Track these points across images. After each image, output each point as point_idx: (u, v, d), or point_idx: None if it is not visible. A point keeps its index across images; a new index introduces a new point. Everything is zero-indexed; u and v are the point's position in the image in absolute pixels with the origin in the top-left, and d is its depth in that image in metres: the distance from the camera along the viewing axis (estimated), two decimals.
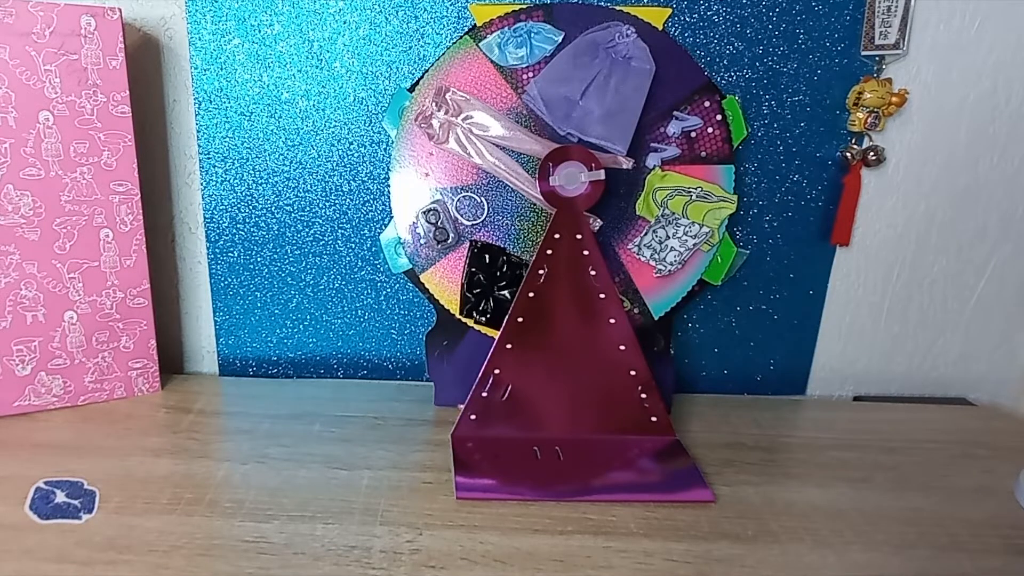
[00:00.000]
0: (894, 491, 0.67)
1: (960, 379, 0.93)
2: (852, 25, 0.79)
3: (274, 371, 0.92)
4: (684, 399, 0.85)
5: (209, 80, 0.82)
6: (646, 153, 0.79)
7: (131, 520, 0.58)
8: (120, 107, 0.75)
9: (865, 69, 0.81)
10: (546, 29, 0.77)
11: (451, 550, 0.56)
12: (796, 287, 0.88)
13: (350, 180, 0.85)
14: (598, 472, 0.67)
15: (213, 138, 0.83)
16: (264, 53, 0.81)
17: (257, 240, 0.87)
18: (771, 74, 0.81)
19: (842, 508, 0.64)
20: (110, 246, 0.78)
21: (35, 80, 0.71)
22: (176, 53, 0.83)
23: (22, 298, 0.74)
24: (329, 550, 0.55)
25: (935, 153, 0.84)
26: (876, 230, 0.87)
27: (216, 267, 0.88)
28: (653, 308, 0.82)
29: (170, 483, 0.64)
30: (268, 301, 0.89)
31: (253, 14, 0.80)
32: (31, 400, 0.77)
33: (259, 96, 0.82)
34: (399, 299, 0.89)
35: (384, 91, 0.82)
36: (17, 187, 0.72)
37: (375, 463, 0.69)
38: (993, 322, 0.91)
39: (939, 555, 0.58)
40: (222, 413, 0.80)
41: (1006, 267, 0.89)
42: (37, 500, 0.60)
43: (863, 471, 0.71)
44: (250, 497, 0.62)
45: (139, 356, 0.82)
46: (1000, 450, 0.76)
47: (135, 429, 0.74)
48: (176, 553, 0.54)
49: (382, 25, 0.80)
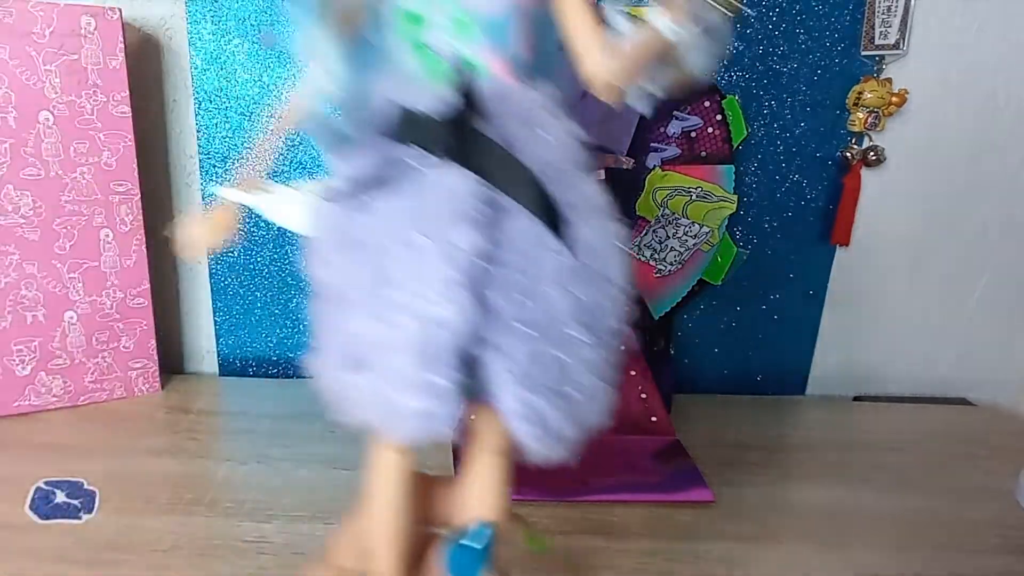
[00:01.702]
0: (894, 491, 0.67)
1: (960, 379, 0.93)
2: (852, 25, 0.79)
3: (274, 371, 0.91)
4: (684, 399, 0.85)
5: (209, 80, 0.82)
6: (646, 153, 0.79)
7: (131, 520, 0.58)
8: (120, 107, 0.75)
9: (865, 69, 0.81)
10: None
11: None
12: (796, 287, 0.88)
13: None
14: (598, 472, 0.67)
15: (213, 138, 0.83)
16: (264, 53, 0.81)
17: (257, 240, 0.87)
18: (771, 74, 0.81)
19: (842, 508, 0.64)
20: (110, 246, 0.78)
21: (35, 80, 0.71)
22: (176, 53, 0.83)
23: (22, 298, 0.74)
24: None
25: (935, 153, 0.84)
26: (876, 230, 0.87)
27: (216, 267, 0.87)
28: (653, 308, 0.82)
29: (170, 483, 0.64)
30: (268, 301, 0.89)
31: (253, 14, 0.80)
32: (31, 400, 0.77)
33: (259, 96, 0.82)
34: None
35: None
36: (17, 187, 0.72)
37: None
38: (993, 322, 0.91)
39: (939, 555, 0.58)
40: (222, 413, 0.80)
41: (1006, 267, 0.89)
42: (37, 500, 0.60)
43: (863, 471, 0.71)
44: (250, 497, 0.62)
45: (139, 356, 0.82)
46: (1000, 450, 0.76)
47: (135, 429, 0.74)
48: (176, 553, 0.54)
49: None
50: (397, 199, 0.36)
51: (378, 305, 0.34)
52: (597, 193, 0.38)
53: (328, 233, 0.39)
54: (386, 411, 0.35)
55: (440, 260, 0.33)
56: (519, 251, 0.35)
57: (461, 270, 0.33)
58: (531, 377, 0.35)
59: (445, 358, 0.33)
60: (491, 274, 0.34)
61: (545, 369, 0.35)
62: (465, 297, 0.33)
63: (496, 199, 0.35)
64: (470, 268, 0.34)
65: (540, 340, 0.35)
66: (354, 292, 0.36)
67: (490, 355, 0.35)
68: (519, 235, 0.35)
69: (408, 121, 0.36)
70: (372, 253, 0.35)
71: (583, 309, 0.36)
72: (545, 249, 0.35)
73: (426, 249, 0.34)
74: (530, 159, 0.36)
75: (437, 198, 0.34)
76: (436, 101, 0.36)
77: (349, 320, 0.35)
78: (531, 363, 0.35)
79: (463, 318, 0.33)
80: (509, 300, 0.34)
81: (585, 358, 0.36)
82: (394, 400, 0.34)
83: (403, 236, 0.34)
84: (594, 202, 0.38)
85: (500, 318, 0.34)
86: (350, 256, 0.36)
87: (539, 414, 0.35)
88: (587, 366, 0.36)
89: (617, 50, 0.37)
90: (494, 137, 0.35)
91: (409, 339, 0.33)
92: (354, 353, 0.35)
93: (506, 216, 0.35)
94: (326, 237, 0.39)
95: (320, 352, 0.38)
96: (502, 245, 0.35)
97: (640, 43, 0.37)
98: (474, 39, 0.38)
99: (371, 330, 0.34)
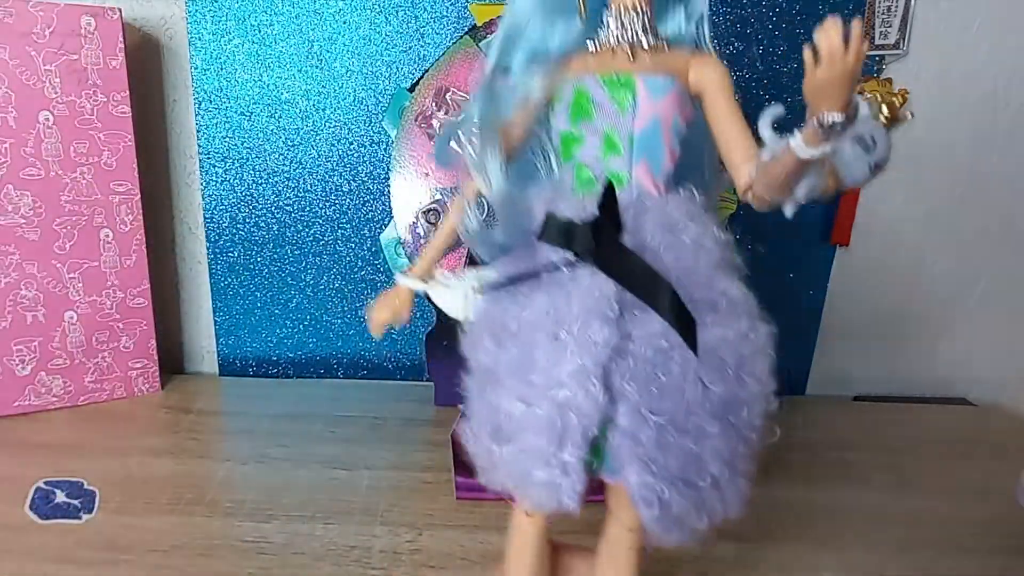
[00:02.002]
0: (894, 491, 0.67)
1: (960, 379, 0.93)
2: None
3: (274, 371, 0.91)
4: None
5: (209, 80, 0.82)
6: None
7: (131, 520, 0.58)
8: (120, 107, 0.75)
9: (865, 69, 0.81)
10: None
11: (451, 550, 0.56)
12: (796, 287, 0.88)
13: (350, 180, 0.85)
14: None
15: (213, 138, 0.83)
16: (264, 53, 0.81)
17: (257, 240, 0.87)
18: (771, 74, 0.81)
19: (842, 508, 0.64)
20: (110, 246, 0.78)
21: (35, 80, 0.71)
22: (176, 53, 0.83)
23: (22, 298, 0.74)
24: (329, 550, 0.55)
25: (935, 153, 0.84)
26: (876, 230, 0.87)
27: (216, 267, 0.87)
28: None
29: (170, 483, 0.64)
30: (268, 301, 0.89)
31: (253, 14, 0.80)
32: (31, 400, 0.77)
33: (259, 96, 0.82)
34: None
35: (384, 91, 0.82)
36: (17, 187, 0.72)
37: (375, 463, 0.69)
38: (993, 322, 0.91)
39: (939, 555, 0.58)
40: (222, 413, 0.80)
41: (1006, 267, 0.89)
42: (37, 500, 0.60)
43: (863, 471, 0.71)
44: (250, 497, 0.62)
45: (139, 356, 0.82)
46: (1000, 450, 0.76)
47: (135, 429, 0.74)
48: (176, 553, 0.54)
49: (382, 25, 0.80)
50: (545, 296, 0.40)
51: (522, 388, 0.39)
52: (741, 293, 0.42)
53: (485, 320, 0.44)
54: (521, 480, 0.40)
55: (577, 352, 0.38)
56: (651, 346, 0.38)
57: (595, 361, 0.37)
58: (657, 463, 0.38)
59: (573, 438, 0.38)
60: (623, 365, 0.38)
61: (672, 456, 0.38)
62: (596, 385, 0.37)
63: (631, 300, 0.38)
64: (603, 359, 0.38)
65: (668, 428, 0.38)
66: (503, 374, 0.41)
67: (619, 438, 0.38)
68: (652, 333, 0.38)
69: (558, 228, 0.40)
70: (521, 341, 0.40)
71: (716, 402, 0.39)
72: (680, 346, 0.38)
73: (566, 342, 0.38)
74: (669, 263, 0.39)
75: (580, 298, 0.39)
76: (583, 211, 0.40)
77: (499, 398, 0.40)
78: (658, 449, 0.38)
79: (593, 404, 0.37)
80: (639, 389, 0.38)
81: (715, 448, 0.39)
82: (528, 471, 0.39)
83: (548, 329, 0.39)
84: (736, 301, 0.41)
85: (629, 405, 0.38)
86: (502, 342, 0.41)
87: (663, 499, 0.38)
88: (717, 457, 0.39)
89: (763, 165, 0.40)
90: (634, 244, 0.39)
91: (544, 420, 0.38)
92: (500, 427, 0.40)
93: (641, 315, 0.39)
94: (483, 324, 0.44)
95: (471, 421, 0.43)
96: (635, 341, 0.38)
97: (784, 160, 0.39)
98: (621, 153, 0.43)
99: (515, 409, 0.39)
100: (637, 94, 0.42)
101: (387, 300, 0.50)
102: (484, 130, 0.44)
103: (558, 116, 0.44)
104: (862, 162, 0.38)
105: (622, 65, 0.42)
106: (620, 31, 0.42)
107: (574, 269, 0.40)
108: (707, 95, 0.43)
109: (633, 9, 0.42)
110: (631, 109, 0.42)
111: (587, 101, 0.42)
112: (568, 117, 0.43)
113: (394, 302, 0.50)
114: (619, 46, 0.42)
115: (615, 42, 0.43)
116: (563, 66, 0.44)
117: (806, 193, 0.39)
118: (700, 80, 0.42)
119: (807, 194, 0.39)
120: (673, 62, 0.43)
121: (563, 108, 0.43)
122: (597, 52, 0.43)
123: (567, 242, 0.39)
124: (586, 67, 0.43)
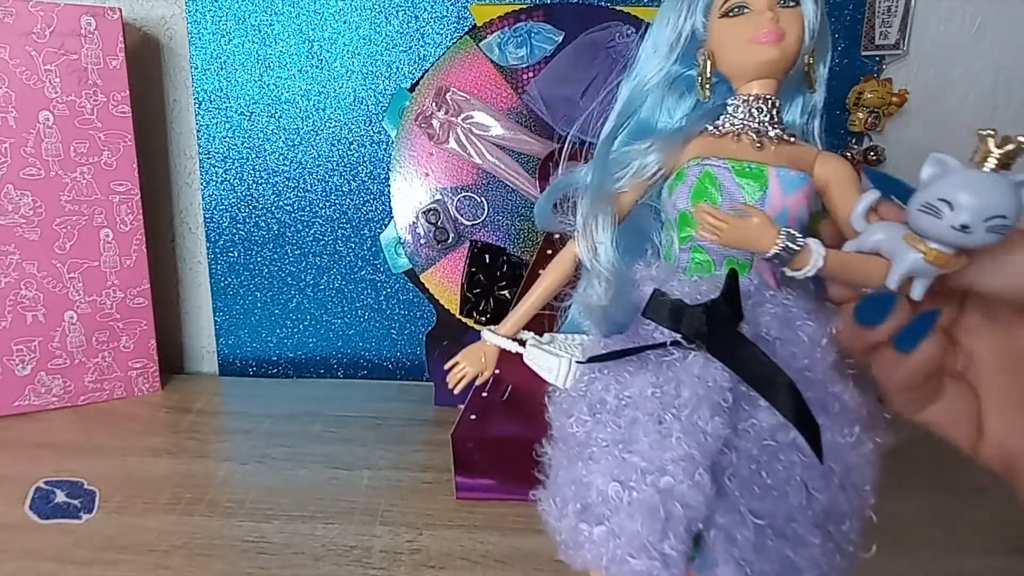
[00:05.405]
0: (894, 491, 0.67)
1: None
2: (852, 25, 0.79)
3: (274, 371, 0.92)
4: None
5: (209, 80, 0.82)
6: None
7: (131, 520, 0.58)
8: (120, 107, 0.75)
9: (865, 69, 0.81)
10: (546, 29, 0.77)
11: (451, 550, 0.56)
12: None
13: (350, 180, 0.85)
14: None
15: (213, 138, 0.83)
16: (264, 53, 0.81)
17: (257, 240, 0.87)
18: None
19: None
20: (110, 246, 0.78)
21: (35, 80, 0.71)
22: (176, 53, 0.83)
23: (22, 298, 0.74)
24: (329, 550, 0.55)
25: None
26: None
27: (216, 267, 0.88)
28: None
29: (170, 483, 0.64)
30: (268, 301, 0.89)
31: (253, 14, 0.80)
32: (31, 400, 0.77)
33: (259, 96, 0.82)
34: (399, 299, 0.89)
35: (384, 91, 0.82)
36: (17, 187, 0.72)
37: (375, 463, 0.69)
38: None
39: (940, 555, 0.58)
40: (222, 413, 0.80)
41: None
42: (37, 500, 0.60)
43: None
44: (250, 497, 0.62)
45: (139, 356, 0.82)
46: None
47: (135, 429, 0.74)
48: (176, 553, 0.54)
49: (382, 25, 0.80)
50: (651, 375, 0.38)
51: (620, 467, 0.37)
52: (853, 398, 0.40)
53: (581, 390, 0.41)
54: (615, 566, 0.37)
55: (683, 438, 0.36)
56: (760, 445, 0.37)
57: (703, 452, 0.36)
58: (752, 565, 0.36)
59: (676, 529, 0.36)
60: (730, 460, 0.37)
61: (769, 560, 0.37)
62: (703, 477, 0.36)
63: (746, 393, 0.37)
64: (713, 451, 0.36)
65: (767, 531, 0.36)
66: (597, 449, 0.38)
67: (716, 534, 0.37)
68: (760, 430, 0.37)
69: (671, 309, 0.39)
70: (620, 418, 0.38)
71: (818, 509, 0.37)
72: (787, 446, 0.36)
73: (671, 426, 0.36)
74: (785, 358, 0.38)
75: (691, 384, 0.37)
76: (697, 293, 0.39)
77: (591, 474, 0.38)
78: (755, 552, 0.36)
79: (700, 496, 0.36)
80: (742, 488, 0.36)
81: (814, 559, 0.37)
82: (624, 558, 0.37)
83: (652, 410, 0.37)
84: (848, 407, 0.40)
85: (730, 502, 0.37)
86: (599, 416, 0.39)
87: None
88: (815, 568, 0.38)
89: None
90: (751, 334, 0.38)
91: (643, 505, 0.36)
92: (591, 505, 0.38)
93: (753, 410, 0.37)
94: (579, 393, 0.41)
95: (553, 494, 0.41)
96: (744, 436, 0.37)
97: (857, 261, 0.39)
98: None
99: (610, 489, 0.37)
100: (768, 185, 0.40)
101: (472, 356, 0.48)
102: (596, 197, 0.42)
103: (678, 194, 0.42)
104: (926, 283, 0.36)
105: (751, 154, 0.41)
106: (747, 118, 0.41)
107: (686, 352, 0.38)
108: (835, 187, 0.41)
109: (762, 99, 0.41)
110: (759, 200, 0.40)
111: (713, 185, 0.41)
112: (690, 197, 0.41)
113: (479, 359, 0.48)
114: (744, 133, 0.41)
115: (740, 128, 0.41)
116: (683, 145, 0.42)
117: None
118: (827, 174, 0.41)
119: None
120: (801, 155, 0.41)
121: (685, 188, 0.41)
122: (719, 136, 0.42)
123: (675, 323, 0.38)
124: (708, 150, 0.42)
